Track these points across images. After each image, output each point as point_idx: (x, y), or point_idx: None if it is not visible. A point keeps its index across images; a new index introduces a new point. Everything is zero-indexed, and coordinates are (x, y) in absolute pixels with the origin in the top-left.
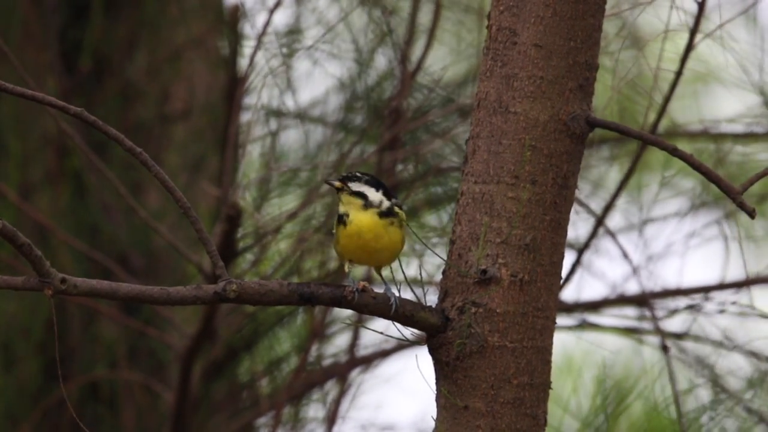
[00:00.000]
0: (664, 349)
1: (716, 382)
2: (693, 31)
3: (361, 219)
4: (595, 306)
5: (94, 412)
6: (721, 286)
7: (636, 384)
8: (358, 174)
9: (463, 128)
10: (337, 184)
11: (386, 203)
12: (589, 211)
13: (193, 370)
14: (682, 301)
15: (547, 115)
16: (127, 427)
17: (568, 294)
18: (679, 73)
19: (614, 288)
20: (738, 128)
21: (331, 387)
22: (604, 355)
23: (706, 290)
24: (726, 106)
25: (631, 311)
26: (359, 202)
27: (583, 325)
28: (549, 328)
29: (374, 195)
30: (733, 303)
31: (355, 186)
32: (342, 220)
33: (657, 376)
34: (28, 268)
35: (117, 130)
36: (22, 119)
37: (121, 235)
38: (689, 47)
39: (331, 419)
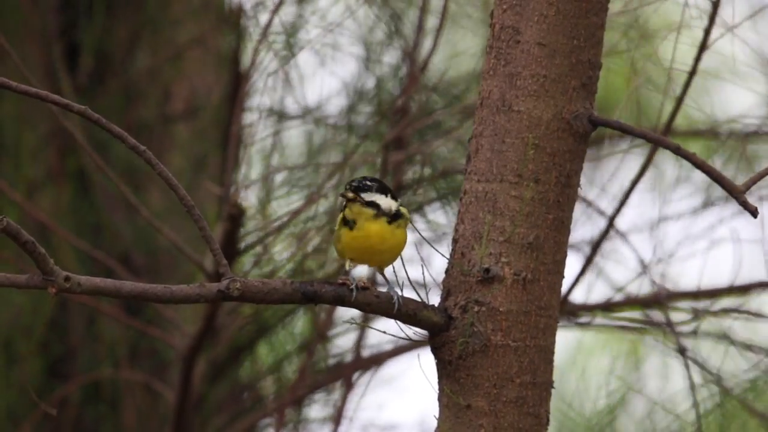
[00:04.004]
0: (682, 352)
1: (722, 383)
2: (707, 30)
3: (370, 227)
4: (605, 307)
5: (95, 411)
6: (737, 288)
7: (642, 383)
8: (368, 183)
9: (468, 126)
10: (351, 195)
11: (394, 208)
12: (600, 212)
13: (194, 369)
14: (697, 303)
15: (550, 113)
16: (129, 426)
17: (575, 294)
18: (692, 73)
19: (620, 289)
20: (755, 124)
21: (335, 388)
22: (611, 355)
23: (719, 293)
24: (741, 100)
25: (636, 313)
26: (371, 212)
27: (591, 325)
28: (552, 327)
29: (385, 202)
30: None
31: (368, 196)
32: (348, 223)
33: (664, 377)
34: (31, 266)
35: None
36: (23, 118)
37: (123, 233)
38: (703, 46)
39: (336, 420)
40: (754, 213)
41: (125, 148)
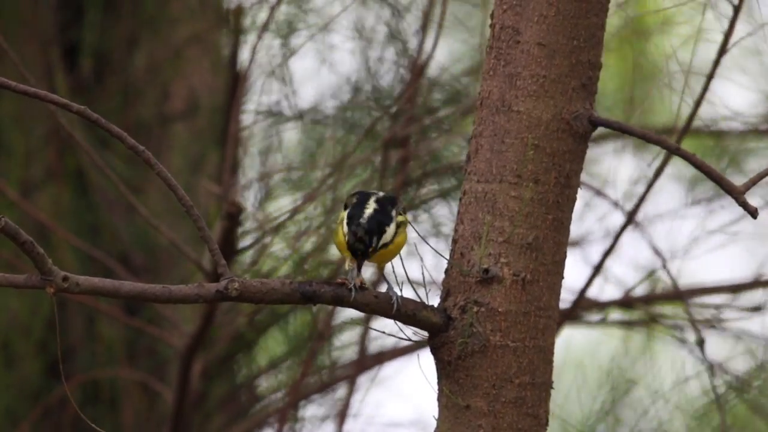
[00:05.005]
0: (700, 344)
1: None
2: (727, 34)
3: None
4: (623, 304)
5: (94, 411)
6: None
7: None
8: (384, 227)
9: (468, 123)
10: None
11: (394, 228)
12: (618, 207)
13: (193, 368)
14: (712, 299)
15: (549, 114)
16: (127, 425)
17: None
18: (710, 77)
19: (622, 288)
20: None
21: (335, 387)
22: (612, 351)
23: (737, 288)
24: (738, 99)
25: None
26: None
27: (604, 322)
28: (551, 328)
29: (390, 233)
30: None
31: (384, 239)
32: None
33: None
34: (29, 266)
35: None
36: (23, 117)
37: (121, 233)
38: (723, 49)
39: (340, 419)
40: (753, 214)
41: (123, 148)
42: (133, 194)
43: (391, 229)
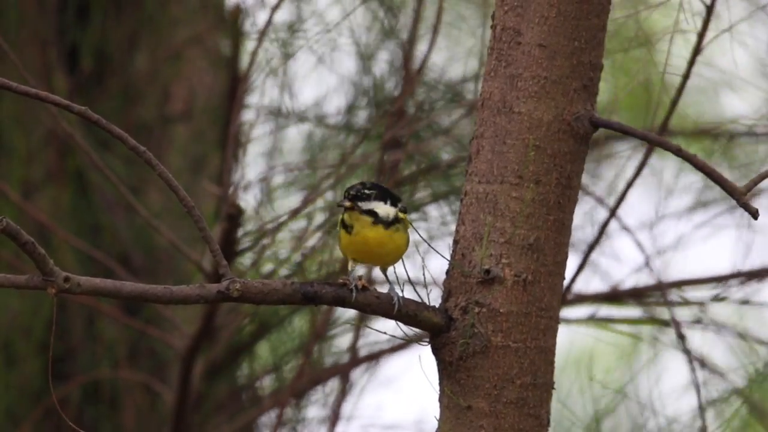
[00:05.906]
0: (681, 337)
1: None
2: (701, 34)
3: (367, 233)
4: (610, 297)
5: (95, 411)
6: (737, 275)
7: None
8: (365, 191)
9: (468, 126)
10: (348, 204)
11: (392, 215)
12: (602, 203)
13: (193, 369)
14: (697, 292)
15: (551, 115)
16: (128, 426)
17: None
18: (686, 76)
19: (615, 285)
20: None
21: (334, 387)
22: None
23: (720, 279)
24: (737, 104)
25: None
26: (369, 219)
27: (594, 319)
28: (552, 328)
29: (383, 210)
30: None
31: (366, 205)
32: (346, 227)
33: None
34: (30, 267)
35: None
36: (23, 118)
37: (122, 234)
38: (697, 49)
39: (333, 419)
40: (755, 215)
41: (123, 149)
42: (133, 195)
43: (386, 206)
